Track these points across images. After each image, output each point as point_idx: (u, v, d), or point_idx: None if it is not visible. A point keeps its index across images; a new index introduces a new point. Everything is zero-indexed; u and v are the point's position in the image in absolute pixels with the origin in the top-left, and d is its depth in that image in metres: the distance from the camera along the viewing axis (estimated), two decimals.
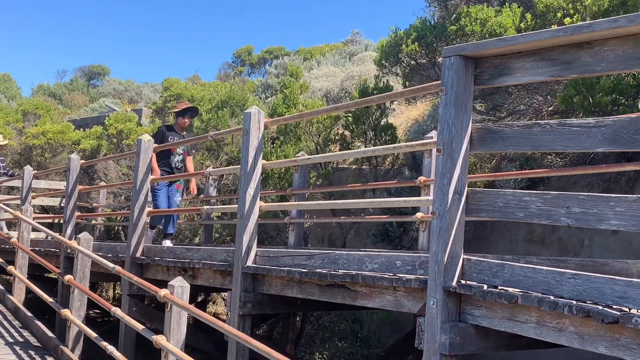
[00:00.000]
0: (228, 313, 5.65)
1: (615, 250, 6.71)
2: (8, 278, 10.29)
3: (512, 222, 7.21)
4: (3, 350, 6.40)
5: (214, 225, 11.41)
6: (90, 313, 10.82)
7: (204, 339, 7.69)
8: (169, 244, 8.00)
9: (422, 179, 6.70)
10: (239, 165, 5.77)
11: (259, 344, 3.70)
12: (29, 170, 10.92)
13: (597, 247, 7.02)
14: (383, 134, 10.13)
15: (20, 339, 6.97)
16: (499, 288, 3.38)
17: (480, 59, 3.52)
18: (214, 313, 11.47)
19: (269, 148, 10.56)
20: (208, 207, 7.15)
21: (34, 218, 9.70)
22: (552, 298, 3.06)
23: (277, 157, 10.01)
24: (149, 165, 7.44)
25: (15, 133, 17.83)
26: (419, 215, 6.51)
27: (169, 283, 4.83)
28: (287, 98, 11.92)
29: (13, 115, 19.54)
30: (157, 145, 7.87)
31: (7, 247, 10.02)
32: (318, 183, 10.68)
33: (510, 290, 3.30)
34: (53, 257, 9.38)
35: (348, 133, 10.64)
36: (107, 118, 17.35)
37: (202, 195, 11.01)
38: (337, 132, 11.19)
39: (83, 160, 9.71)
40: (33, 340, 6.98)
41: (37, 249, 9.62)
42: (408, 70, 9.87)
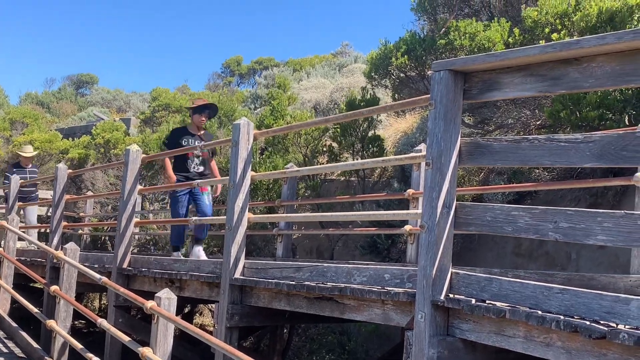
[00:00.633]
0: (215, 325, 5.62)
1: (602, 264, 6.75)
2: None
3: (500, 235, 7.24)
4: None
5: None
6: (76, 323, 10.73)
7: (191, 351, 7.65)
8: (201, 253, 7.39)
9: (410, 192, 6.72)
10: (228, 177, 5.76)
11: (246, 357, 3.68)
12: (16, 180, 10.86)
13: (584, 260, 7.05)
14: (371, 146, 10.16)
15: (5, 350, 6.89)
16: (487, 302, 3.38)
17: (470, 74, 3.54)
18: (201, 324, 11.40)
19: (258, 159, 10.56)
20: (196, 218, 7.12)
21: (20, 227, 9.62)
22: (539, 313, 3.06)
23: (265, 168, 10.00)
24: (137, 176, 7.40)
25: (3, 142, 17.73)
26: (408, 228, 6.52)
27: (156, 295, 4.80)
28: (274, 109, 11.93)
29: (0, 124, 19.42)
30: (163, 153, 7.35)
31: None
32: (307, 194, 10.68)
33: (498, 305, 3.30)
34: (39, 267, 9.30)
35: (336, 144, 10.66)
36: (94, 127, 17.29)
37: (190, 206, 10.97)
38: (325, 143, 11.21)
39: (70, 170, 9.66)
40: (18, 351, 6.92)
41: (23, 259, 9.54)
42: (397, 83, 9.92)
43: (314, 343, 9.80)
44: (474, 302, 3.39)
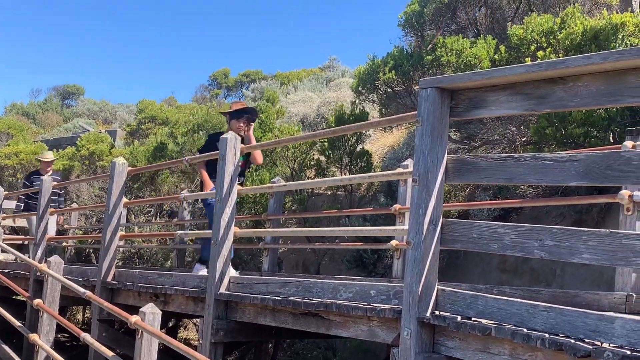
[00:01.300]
0: (200, 340, 5.58)
1: (587, 281, 6.78)
2: None
3: None
4: None
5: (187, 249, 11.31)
6: (60, 337, 10.61)
7: None
8: (236, 272, 6.32)
9: (397, 207, 6.72)
10: (214, 190, 5.75)
11: None
12: (0, 191, 10.77)
13: (569, 277, 7.08)
14: (359, 160, 10.18)
15: None
16: (473, 319, 3.38)
17: (456, 91, 3.56)
18: (185, 339, 11.32)
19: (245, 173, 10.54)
20: (181, 232, 7.09)
21: (4, 239, 9.53)
22: (525, 331, 3.07)
23: (252, 182, 9.98)
24: (123, 189, 7.35)
25: None
26: (394, 243, 6.52)
27: (140, 309, 4.76)
28: (263, 123, 11.93)
29: None
30: (199, 156, 6.78)
31: None
32: (293, 208, 10.66)
33: (484, 322, 3.31)
34: (22, 279, 9.21)
35: (324, 159, 10.67)
36: (79, 139, 17.19)
37: (175, 219, 10.94)
38: (312, 157, 11.21)
39: (55, 182, 9.59)
40: None
41: (6, 271, 9.45)
42: (385, 98, 9.97)
43: (299, 358, 9.74)
44: (460, 319, 3.39)
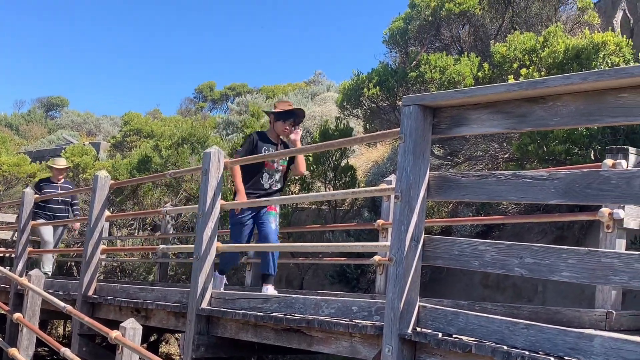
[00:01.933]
0: (181, 355, 5.54)
1: (568, 297, 6.82)
2: None
3: None
4: None
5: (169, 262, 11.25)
6: (40, 351, 10.48)
7: None
8: (272, 291, 6.10)
9: (380, 222, 6.74)
10: (197, 205, 5.73)
11: None
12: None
13: (550, 293, 7.12)
14: (343, 175, 10.20)
15: None
16: (454, 336, 3.39)
17: (439, 109, 3.59)
18: (167, 353, 11.23)
19: (228, 186, 10.51)
20: (164, 246, 7.06)
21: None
22: (505, 348, 3.08)
23: None
24: (105, 203, 7.31)
25: None
26: (377, 259, 6.53)
27: (121, 324, 4.73)
28: None
29: None
30: (229, 160, 5.87)
31: None
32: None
33: (465, 339, 3.31)
34: (2, 292, 9.11)
35: (308, 173, 10.67)
36: (63, 151, 17.08)
37: (158, 233, 10.87)
38: None
39: (37, 195, 9.51)
40: None
41: None
42: (369, 113, 10.00)
43: None
44: (441, 336, 3.40)
